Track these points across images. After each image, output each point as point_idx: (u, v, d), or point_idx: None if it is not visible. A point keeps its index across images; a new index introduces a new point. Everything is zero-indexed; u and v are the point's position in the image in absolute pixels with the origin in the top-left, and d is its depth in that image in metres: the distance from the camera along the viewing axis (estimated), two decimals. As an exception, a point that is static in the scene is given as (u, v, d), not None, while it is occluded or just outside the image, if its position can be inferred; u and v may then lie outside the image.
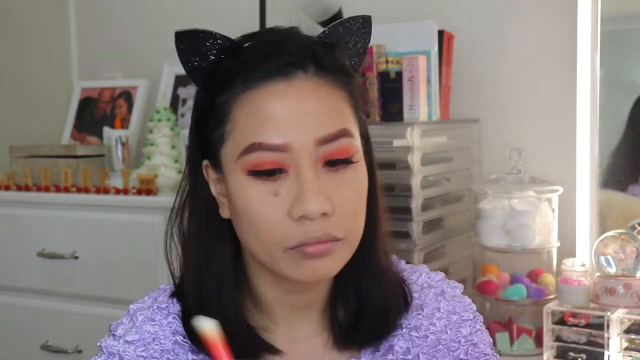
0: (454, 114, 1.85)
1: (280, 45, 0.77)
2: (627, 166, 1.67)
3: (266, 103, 0.74)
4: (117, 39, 2.47)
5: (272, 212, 0.75)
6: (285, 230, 0.75)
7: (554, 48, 1.79)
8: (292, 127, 0.74)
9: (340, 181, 0.76)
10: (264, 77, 0.75)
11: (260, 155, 0.74)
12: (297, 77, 0.75)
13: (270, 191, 0.75)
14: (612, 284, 1.46)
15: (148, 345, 0.82)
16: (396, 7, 1.96)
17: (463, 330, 0.88)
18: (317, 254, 0.75)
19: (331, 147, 0.75)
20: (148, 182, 1.88)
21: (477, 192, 1.67)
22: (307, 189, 0.73)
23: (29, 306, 2.02)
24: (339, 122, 0.76)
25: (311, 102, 0.75)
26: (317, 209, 0.73)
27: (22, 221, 2.02)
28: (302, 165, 0.74)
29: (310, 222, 0.74)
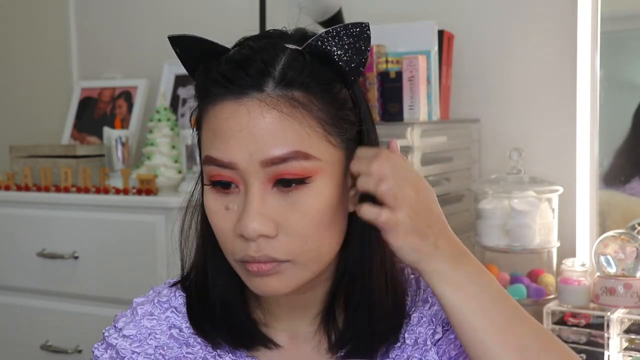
0: (454, 114, 1.85)
1: (244, 63, 0.75)
2: (628, 166, 1.67)
3: (218, 120, 0.76)
4: (117, 39, 2.47)
5: (224, 224, 0.77)
6: (232, 243, 0.77)
7: (554, 48, 1.79)
8: (237, 147, 0.74)
9: (291, 203, 0.75)
10: (221, 95, 0.76)
11: (213, 169, 0.77)
12: (249, 97, 0.74)
13: (223, 204, 0.77)
14: (612, 284, 1.46)
15: (143, 342, 0.85)
16: (396, 7, 1.96)
17: None
18: (258, 272, 0.77)
19: (279, 168, 0.74)
20: (148, 182, 1.88)
21: (477, 192, 1.67)
22: (248, 208, 0.74)
23: (29, 306, 2.02)
24: (291, 144, 0.74)
25: (260, 122, 0.73)
26: (254, 230, 0.74)
27: (22, 221, 2.02)
28: (249, 184, 0.75)
29: (251, 242, 0.75)
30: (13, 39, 2.69)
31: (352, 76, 0.79)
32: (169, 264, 1.77)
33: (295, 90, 0.75)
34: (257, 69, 0.75)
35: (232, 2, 2.21)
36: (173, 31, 0.80)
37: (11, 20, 2.69)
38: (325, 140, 0.76)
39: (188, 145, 1.97)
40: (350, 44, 0.77)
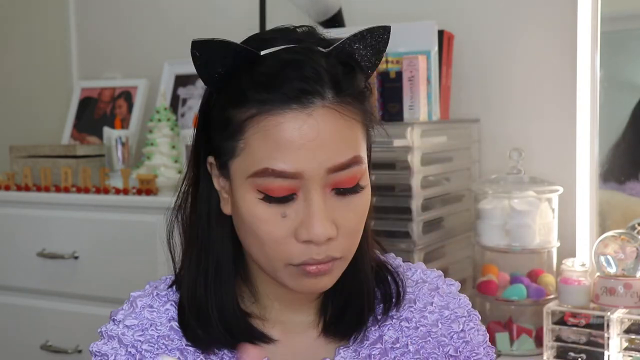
0: (454, 114, 1.85)
1: (299, 67, 0.75)
2: (627, 165, 1.67)
3: (282, 130, 0.74)
4: (117, 39, 2.47)
5: (279, 232, 0.77)
6: (290, 249, 0.77)
7: (554, 48, 1.79)
8: (306, 156, 0.74)
9: (346, 204, 0.78)
10: (281, 102, 0.74)
11: (271, 181, 0.75)
12: (315, 105, 0.74)
13: (279, 212, 0.77)
14: (612, 284, 1.46)
15: (145, 331, 0.86)
16: (396, 7, 1.96)
17: (455, 326, 0.88)
18: (317, 272, 0.78)
19: (341, 175, 0.76)
20: (148, 182, 1.88)
21: (477, 192, 1.67)
22: (315, 214, 0.75)
23: (29, 306, 2.02)
24: (351, 150, 0.77)
25: (327, 132, 0.75)
26: (324, 234, 0.76)
27: (22, 221, 2.02)
28: (312, 190, 0.75)
29: (315, 246, 0.76)
30: (13, 39, 2.69)
31: (370, 74, 0.83)
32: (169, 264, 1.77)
33: (347, 96, 0.77)
34: (316, 74, 0.75)
35: (232, 2, 2.21)
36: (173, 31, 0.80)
37: (11, 20, 2.69)
38: (364, 141, 0.80)
39: (188, 145, 1.97)
40: (373, 46, 0.80)
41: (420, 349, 0.87)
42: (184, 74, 2.23)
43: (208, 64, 0.77)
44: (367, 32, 0.79)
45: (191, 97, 2.21)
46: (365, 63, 0.81)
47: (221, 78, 0.78)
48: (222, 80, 0.78)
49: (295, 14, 1.93)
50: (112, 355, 0.85)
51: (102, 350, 0.86)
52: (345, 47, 0.79)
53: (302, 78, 0.74)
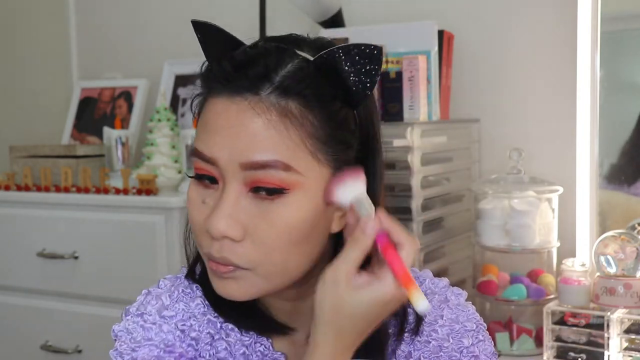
0: (454, 114, 1.85)
1: (247, 63, 0.74)
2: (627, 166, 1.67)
3: (210, 114, 0.76)
4: (117, 39, 2.47)
5: (197, 217, 0.77)
6: (201, 238, 0.77)
7: (554, 48, 1.79)
8: (220, 143, 0.74)
9: (263, 211, 0.74)
10: (217, 90, 0.76)
11: (197, 161, 0.77)
12: (244, 98, 0.73)
13: (201, 197, 0.77)
14: (612, 284, 1.46)
15: (186, 321, 0.82)
16: (396, 7, 1.96)
17: (465, 340, 0.87)
18: (217, 273, 0.77)
19: (258, 175, 0.73)
20: (148, 182, 1.88)
21: (477, 192, 1.67)
22: (219, 208, 0.74)
23: (29, 306, 2.02)
24: (273, 152, 0.73)
25: (249, 125, 0.73)
26: (218, 229, 0.73)
27: (22, 221, 2.02)
28: (227, 183, 0.74)
29: (215, 241, 0.75)
30: (13, 39, 2.69)
31: (359, 97, 0.78)
32: (169, 264, 1.77)
33: (291, 101, 0.73)
34: (257, 72, 0.74)
35: (232, 2, 2.21)
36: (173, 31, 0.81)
37: (11, 20, 2.69)
38: (312, 156, 0.75)
39: (188, 145, 1.97)
40: (362, 64, 0.76)
41: None
42: (184, 74, 2.23)
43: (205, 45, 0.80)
44: (354, 47, 0.75)
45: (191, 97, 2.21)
46: (353, 80, 0.76)
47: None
48: None
49: (295, 14, 1.93)
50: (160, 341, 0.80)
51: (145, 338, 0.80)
52: (330, 58, 0.75)
53: (244, 70, 0.74)
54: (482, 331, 0.90)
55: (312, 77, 0.75)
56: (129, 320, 0.82)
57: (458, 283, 1.74)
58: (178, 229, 1.75)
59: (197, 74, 0.80)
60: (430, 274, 0.94)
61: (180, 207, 1.78)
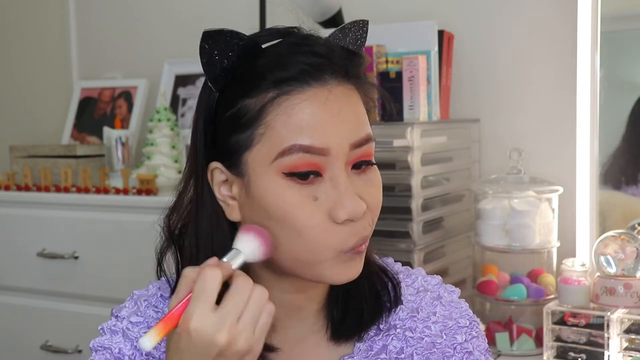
0: (454, 114, 1.85)
1: (309, 46, 0.77)
2: (627, 166, 1.67)
3: (306, 107, 0.75)
4: (117, 39, 2.47)
5: (314, 217, 0.76)
6: (331, 235, 0.76)
7: (554, 48, 1.79)
8: (331, 132, 0.76)
9: (366, 181, 0.79)
10: (300, 81, 0.76)
11: (301, 157, 0.75)
12: (332, 83, 0.77)
13: (310, 195, 0.76)
14: (612, 284, 1.46)
15: None
16: (396, 7, 1.96)
17: (458, 337, 0.88)
18: (361, 250, 0.80)
19: (360, 150, 0.78)
20: (148, 182, 1.88)
21: (477, 192, 1.67)
22: (347, 191, 0.76)
23: (29, 306, 2.02)
24: (366, 127, 0.79)
25: (347, 108, 0.77)
26: (359, 209, 0.76)
27: (22, 221, 2.02)
28: (336, 169, 0.76)
29: (354, 223, 0.77)
30: (13, 39, 2.70)
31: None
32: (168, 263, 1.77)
33: (357, 79, 0.80)
34: (327, 52, 0.77)
35: (232, 2, 2.21)
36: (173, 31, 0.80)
37: (11, 20, 2.69)
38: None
39: (188, 145, 1.96)
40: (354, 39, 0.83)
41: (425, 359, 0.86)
42: (184, 74, 2.23)
43: (216, 54, 0.77)
44: (348, 25, 0.83)
45: (191, 97, 2.21)
46: None
47: (226, 73, 0.78)
48: (227, 76, 0.78)
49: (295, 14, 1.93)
50: (115, 348, 0.84)
51: (105, 344, 0.85)
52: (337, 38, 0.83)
53: (316, 54, 0.77)
54: (476, 328, 0.90)
55: (351, 57, 0.81)
56: (111, 319, 0.88)
57: (458, 283, 1.74)
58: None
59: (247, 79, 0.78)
60: (423, 271, 0.94)
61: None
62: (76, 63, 2.55)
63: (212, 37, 0.76)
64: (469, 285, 1.74)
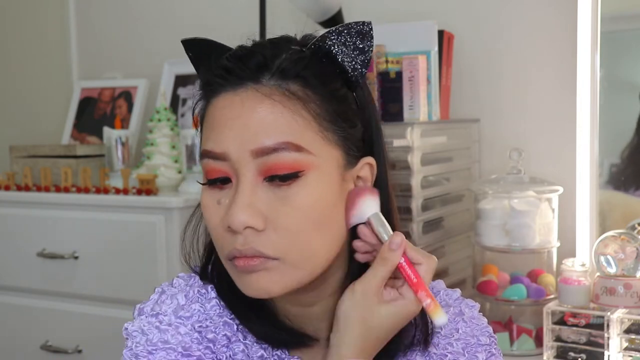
0: (454, 114, 1.85)
1: (244, 56, 0.77)
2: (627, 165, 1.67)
3: (215, 112, 0.77)
4: (117, 39, 2.47)
5: (214, 219, 0.77)
6: (222, 239, 0.77)
7: (554, 48, 1.79)
8: (230, 136, 0.74)
9: (281, 197, 0.74)
10: (220, 86, 0.77)
11: (207, 162, 0.77)
12: (245, 88, 0.75)
13: (215, 199, 0.77)
14: (612, 284, 1.46)
15: (203, 322, 0.80)
16: (396, 7, 1.96)
17: (479, 355, 0.87)
18: (246, 268, 0.75)
19: (270, 159, 0.73)
20: (148, 182, 1.88)
21: (477, 192, 1.67)
22: (236, 200, 0.73)
23: (29, 306, 2.02)
24: (283, 134, 0.73)
25: (253, 113, 0.73)
26: (240, 221, 0.73)
27: (22, 221, 2.02)
28: (240, 175, 0.74)
29: (238, 235, 0.74)
30: (13, 39, 2.70)
31: (356, 76, 0.79)
32: (168, 264, 1.77)
33: (292, 83, 0.75)
34: (255, 61, 0.76)
35: (232, 2, 2.21)
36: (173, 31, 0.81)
37: (11, 20, 2.69)
38: (320, 135, 0.75)
39: (188, 145, 1.97)
40: (353, 43, 0.77)
41: None
42: (184, 74, 2.23)
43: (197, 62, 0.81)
44: (344, 27, 0.77)
45: (191, 97, 2.21)
46: (347, 61, 0.78)
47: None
48: None
49: (295, 14, 1.93)
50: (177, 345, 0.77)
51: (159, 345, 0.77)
52: (322, 44, 0.77)
53: (243, 62, 0.76)
54: (494, 345, 0.90)
55: (308, 61, 0.76)
56: (143, 320, 0.80)
57: (458, 283, 1.74)
58: (178, 229, 1.75)
59: (196, 87, 0.81)
60: (443, 284, 0.93)
61: (180, 207, 1.78)
62: (76, 63, 2.55)
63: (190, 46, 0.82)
64: (469, 285, 1.74)
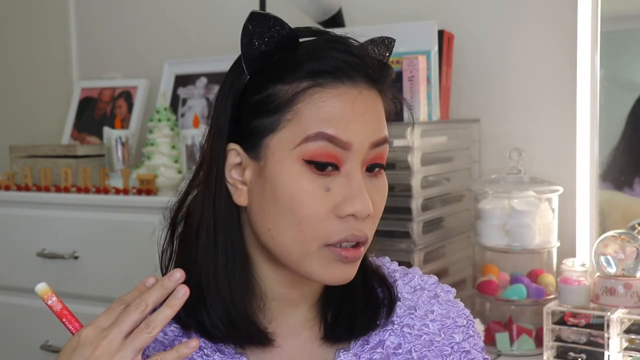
0: (454, 114, 1.85)
1: (347, 46, 0.81)
2: (627, 166, 1.67)
3: (337, 103, 0.79)
4: (117, 39, 2.47)
5: (321, 207, 0.78)
6: (329, 226, 0.78)
7: (554, 48, 1.79)
8: (356, 129, 0.79)
9: (376, 186, 0.82)
10: (333, 77, 0.79)
11: (323, 146, 0.78)
12: (362, 85, 0.80)
13: (323, 186, 0.78)
14: (612, 284, 1.46)
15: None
16: (396, 7, 1.96)
17: (456, 336, 0.89)
18: (352, 258, 0.80)
19: (377, 151, 0.81)
20: (148, 182, 1.88)
21: (477, 192, 1.67)
22: (359, 189, 0.78)
23: (29, 306, 2.02)
24: (385, 130, 0.83)
25: (372, 110, 0.81)
26: (367, 209, 0.78)
27: (22, 221, 2.02)
28: (354, 166, 0.79)
29: (355, 222, 0.78)
30: (13, 39, 2.70)
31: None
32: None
33: (383, 86, 0.83)
34: (371, 63, 0.81)
35: (232, 2, 2.21)
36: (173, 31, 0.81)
37: (11, 20, 2.69)
38: None
39: (188, 145, 1.97)
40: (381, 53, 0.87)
41: (423, 356, 0.86)
42: (184, 74, 2.23)
43: (257, 37, 0.80)
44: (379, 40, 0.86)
45: (191, 97, 2.21)
46: None
47: (263, 57, 0.81)
48: (263, 60, 0.81)
49: (295, 14, 1.93)
50: None
51: None
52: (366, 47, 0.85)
53: (352, 53, 0.80)
54: (472, 327, 0.91)
55: (381, 66, 0.84)
56: None
57: (458, 283, 1.74)
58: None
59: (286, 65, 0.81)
60: (419, 271, 0.95)
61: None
62: (76, 63, 2.55)
63: (257, 19, 0.80)
64: (469, 285, 1.74)
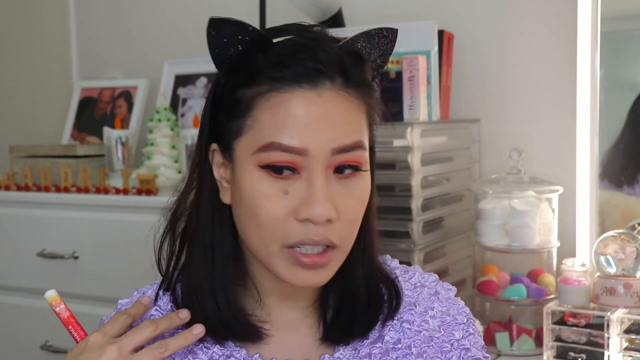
0: (454, 114, 1.85)
1: (311, 50, 0.78)
2: (627, 165, 1.67)
3: (292, 107, 0.76)
4: (117, 39, 2.47)
5: (279, 209, 0.77)
6: (287, 228, 0.77)
7: (554, 48, 1.79)
8: (313, 134, 0.76)
9: (347, 189, 0.79)
10: (292, 81, 0.77)
11: (278, 155, 0.76)
12: (325, 87, 0.77)
13: (281, 189, 0.77)
14: (612, 284, 1.46)
15: None
16: (396, 7, 1.96)
17: (456, 333, 0.89)
18: (312, 265, 0.78)
19: (344, 157, 0.78)
20: (148, 182, 1.88)
21: (477, 192, 1.67)
22: (317, 193, 0.76)
23: (29, 306, 2.02)
24: (356, 135, 0.79)
25: (335, 113, 0.77)
26: (324, 214, 0.76)
27: (22, 221, 2.02)
28: (315, 169, 0.76)
29: (315, 226, 0.76)
30: (13, 39, 2.69)
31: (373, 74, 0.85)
32: (169, 264, 1.77)
33: (354, 85, 0.79)
34: (327, 57, 0.78)
35: (232, 2, 2.21)
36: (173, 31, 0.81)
37: (11, 20, 2.69)
38: (368, 133, 0.82)
39: (188, 145, 1.97)
40: (379, 47, 0.83)
41: (422, 352, 0.86)
42: (184, 74, 2.23)
43: (223, 43, 0.80)
44: (375, 32, 0.82)
45: (191, 97, 2.21)
46: (370, 62, 0.83)
47: (232, 61, 0.80)
48: (232, 64, 0.81)
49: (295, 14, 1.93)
50: None
51: None
52: (353, 44, 0.81)
53: (315, 59, 0.77)
54: (472, 325, 0.91)
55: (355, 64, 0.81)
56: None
57: (458, 283, 1.74)
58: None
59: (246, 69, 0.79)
60: (420, 269, 0.95)
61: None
62: (76, 63, 2.55)
63: (216, 26, 0.80)
64: (469, 285, 1.74)
